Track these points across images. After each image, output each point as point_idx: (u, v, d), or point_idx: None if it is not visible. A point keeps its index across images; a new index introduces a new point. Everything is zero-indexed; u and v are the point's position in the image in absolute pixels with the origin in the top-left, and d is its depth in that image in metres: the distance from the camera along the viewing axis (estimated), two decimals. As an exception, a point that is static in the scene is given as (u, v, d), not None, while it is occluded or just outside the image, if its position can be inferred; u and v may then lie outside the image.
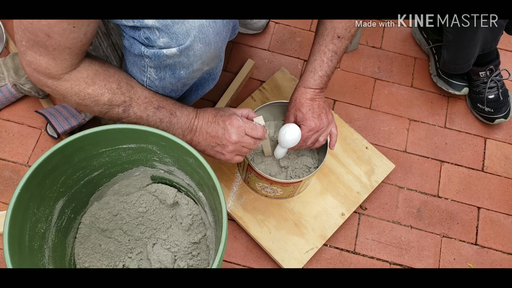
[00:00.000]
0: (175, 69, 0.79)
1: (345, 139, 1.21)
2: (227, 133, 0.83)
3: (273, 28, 1.42)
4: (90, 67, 0.77)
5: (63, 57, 0.72)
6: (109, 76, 0.78)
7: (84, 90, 0.76)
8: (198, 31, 0.73)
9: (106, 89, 0.77)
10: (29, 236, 0.78)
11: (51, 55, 0.71)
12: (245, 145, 0.85)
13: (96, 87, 0.76)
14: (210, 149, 0.86)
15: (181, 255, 0.98)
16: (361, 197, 1.15)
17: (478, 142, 1.31)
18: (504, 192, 1.25)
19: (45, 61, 0.72)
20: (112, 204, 0.98)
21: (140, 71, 0.82)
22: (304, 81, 0.94)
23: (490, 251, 1.18)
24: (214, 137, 0.84)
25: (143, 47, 0.76)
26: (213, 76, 0.94)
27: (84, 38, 0.71)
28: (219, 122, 0.84)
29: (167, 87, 0.84)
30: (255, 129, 0.85)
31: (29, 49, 0.71)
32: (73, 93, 0.76)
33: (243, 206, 1.11)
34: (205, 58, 0.79)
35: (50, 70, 0.73)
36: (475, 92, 1.30)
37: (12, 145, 1.19)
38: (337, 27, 0.90)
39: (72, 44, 0.70)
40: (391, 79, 1.37)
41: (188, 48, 0.74)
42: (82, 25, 0.69)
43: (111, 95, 0.78)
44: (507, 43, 1.45)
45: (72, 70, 0.75)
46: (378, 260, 1.15)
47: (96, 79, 0.77)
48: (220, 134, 0.84)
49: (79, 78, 0.75)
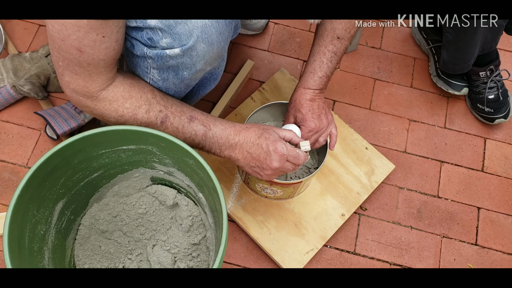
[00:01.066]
0: (178, 70, 0.79)
1: (345, 139, 1.21)
2: (269, 159, 0.81)
3: (272, 29, 1.41)
4: (125, 81, 0.77)
5: (99, 71, 0.72)
6: (143, 87, 0.79)
7: (123, 105, 0.76)
8: (201, 31, 0.73)
9: (143, 100, 0.77)
10: (29, 237, 0.78)
11: (87, 72, 0.71)
12: (284, 170, 0.84)
13: (133, 100, 0.77)
14: (248, 168, 0.85)
15: (181, 256, 0.98)
16: (361, 197, 1.15)
17: (478, 142, 1.31)
18: (504, 192, 1.25)
19: (82, 79, 0.72)
20: (111, 205, 0.98)
21: (142, 73, 0.82)
22: (304, 82, 0.94)
23: (490, 252, 1.18)
24: (255, 159, 0.83)
25: (145, 48, 0.76)
26: (215, 76, 0.94)
27: (116, 46, 0.71)
28: (263, 146, 0.81)
29: (170, 88, 0.84)
30: (297, 158, 0.83)
31: (66, 69, 0.71)
32: (112, 110, 0.76)
33: (243, 207, 1.11)
34: (208, 58, 0.78)
35: (88, 88, 0.73)
36: (475, 92, 1.30)
37: (11, 147, 1.19)
38: (337, 28, 0.90)
39: (105, 55, 0.70)
40: (390, 80, 1.37)
41: (191, 49, 0.74)
42: (112, 33, 0.69)
43: (148, 106, 0.77)
44: (506, 43, 1.45)
45: (108, 85, 0.75)
46: (378, 261, 1.15)
47: (133, 92, 0.77)
48: (262, 158, 0.82)
49: (116, 93, 0.76)
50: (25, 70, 1.17)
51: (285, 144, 0.83)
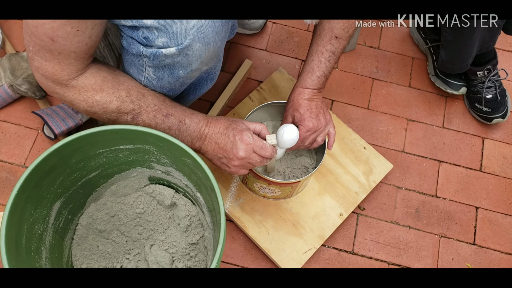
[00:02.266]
0: (173, 69, 0.79)
1: (343, 139, 1.21)
2: (235, 148, 0.82)
3: (270, 28, 1.41)
4: (98, 73, 0.76)
5: (69, 62, 0.72)
6: (118, 83, 0.78)
7: (92, 97, 0.76)
8: (197, 31, 0.73)
9: (115, 96, 0.77)
10: (26, 237, 0.78)
11: (56, 60, 0.71)
12: (251, 162, 0.84)
13: (104, 94, 0.76)
14: (216, 160, 0.85)
15: (179, 256, 0.97)
16: (359, 197, 1.15)
17: (476, 142, 1.31)
18: (502, 192, 1.25)
19: (51, 66, 0.72)
20: (109, 205, 0.98)
21: (138, 71, 0.81)
22: (302, 81, 0.94)
23: (488, 251, 1.18)
24: (222, 149, 0.83)
25: (141, 46, 0.76)
26: (211, 76, 0.94)
27: (89, 41, 0.71)
28: (229, 135, 0.82)
29: (165, 87, 0.84)
30: (264, 149, 0.83)
31: (36, 54, 0.71)
32: (81, 100, 0.76)
33: (241, 207, 1.11)
34: (204, 58, 0.78)
35: (57, 75, 0.73)
36: (473, 92, 1.30)
37: (9, 146, 1.18)
38: (335, 27, 0.90)
39: (77, 48, 0.70)
40: (389, 79, 1.37)
41: (187, 48, 0.74)
42: (86, 28, 0.69)
43: (119, 103, 0.77)
44: (504, 43, 1.45)
45: (79, 75, 0.74)
46: (377, 261, 1.15)
47: (104, 86, 0.76)
48: (228, 147, 0.82)
49: (86, 85, 0.75)
50: (23, 69, 1.17)
51: (252, 134, 0.83)
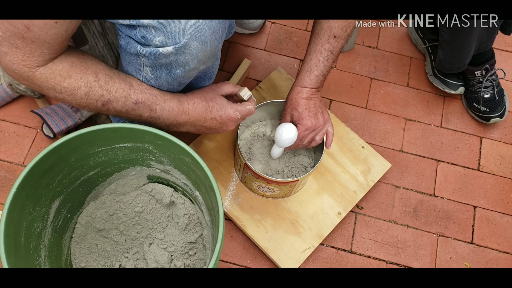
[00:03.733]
0: (171, 68, 0.79)
1: (341, 138, 1.21)
2: (225, 126, 0.88)
3: (269, 28, 1.42)
4: (66, 59, 0.75)
5: (41, 51, 0.71)
6: (86, 68, 0.76)
7: (60, 83, 0.74)
8: (194, 30, 0.73)
9: (83, 82, 0.75)
10: (25, 235, 0.78)
11: (28, 48, 0.70)
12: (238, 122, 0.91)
13: (72, 80, 0.75)
14: (202, 133, 0.91)
15: (177, 254, 0.98)
16: (358, 196, 1.15)
17: (474, 142, 1.31)
18: (499, 191, 1.25)
19: (22, 54, 0.70)
20: (108, 203, 0.98)
21: (136, 70, 0.81)
22: (300, 81, 0.95)
23: (486, 250, 1.18)
24: (210, 129, 0.88)
25: (139, 45, 0.76)
26: (209, 75, 0.94)
27: (65, 34, 0.70)
28: (217, 118, 0.86)
29: (163, 86, 0.84)
30: (250, 112, 0.90)
31: (5, 40, 0.69)
32: (50, 87, 0.75)
33: (240, 206, 1.11)
34: (201, 57, 0.78)
35: (26, 62, 0.72)
36: (470, 92, 1.31)
37: (7, 145, 1.18)
38: (333, 26, 0.90)
39: (52, 39, 0.69)
40: (387, 79, 1.38)
41: (184, 47, 0.74)
42: (65, 21, 0.68)
43: (87, 89, 0.76)
44: (502, 43, 1.45)
45: (48, 62, 0.73)
46: (375, 259, 1.15)
47: (72, 71, 0.75)
48: (219, 127, 0.88)
49: (54, 71, 0.74)
50: (22, 68, 1.17)
51: (232, 105, 0.88)
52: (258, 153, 1.11)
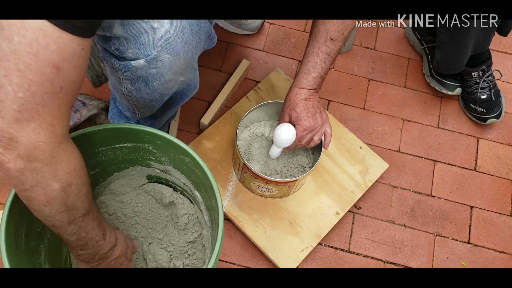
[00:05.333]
0: (147, 81, 0.78)
1: (339, 139, 1.22)
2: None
3: (268, 29, 1.42)
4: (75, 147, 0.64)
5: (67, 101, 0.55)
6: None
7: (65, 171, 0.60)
8: (165, 42, 0.72)
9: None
10: (26, 235, 0.78)
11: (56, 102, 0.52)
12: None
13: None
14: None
15: (177, 254, 0.98)
16: (356, 196, 1.16)
17: (470, 142, 1.32)
18: (496, 191, 1.26)
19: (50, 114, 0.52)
20: (108, 203, 0.98)
21: (118, 82, 0.82)
22: (298, 82, 0.95)
23: (483, 250, 1.19)
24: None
25: (114, 59, 0.76)
26: (194, 86, 0.93)
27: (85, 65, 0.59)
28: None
29: (145, 98, 0.84)
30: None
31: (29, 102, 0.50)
32: (67, 171, 0.61)
33: (239, 206, 1.12)
34: (175, 69, 0.78)
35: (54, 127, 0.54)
36: (467, 93, 1.32)
37: (7, 145, 1.18)
38: (330, 29, 0.91)
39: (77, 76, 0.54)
40: (384, 80, 1.39)
41: (156, 59, 0.74)
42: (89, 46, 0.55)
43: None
44: (498, 44, 1.46)
45: (64, 139, 0.58)
46: (372, 259, 1.16)
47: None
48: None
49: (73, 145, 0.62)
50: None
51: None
52: (257, 153, 1.11)
